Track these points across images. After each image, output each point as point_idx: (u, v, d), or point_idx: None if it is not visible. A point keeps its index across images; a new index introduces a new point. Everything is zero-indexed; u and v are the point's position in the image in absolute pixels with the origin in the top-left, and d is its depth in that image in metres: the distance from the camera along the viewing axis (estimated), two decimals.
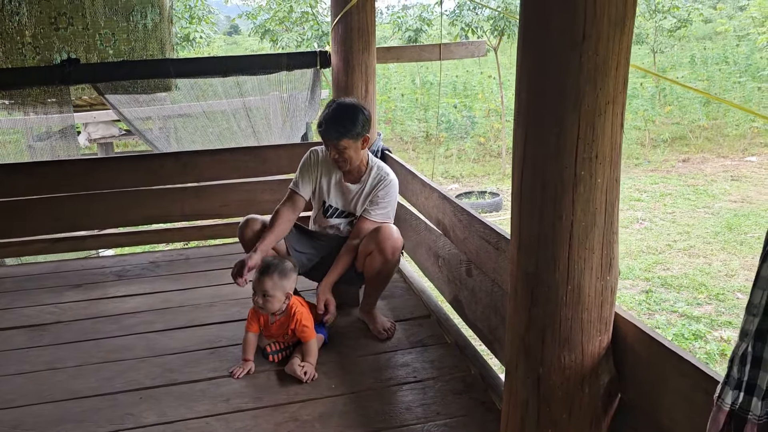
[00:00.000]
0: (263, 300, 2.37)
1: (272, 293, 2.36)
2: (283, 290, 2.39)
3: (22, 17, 3.38)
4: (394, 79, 14.63)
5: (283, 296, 2.40)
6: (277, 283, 2.37)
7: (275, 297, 2.37)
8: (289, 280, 2.42)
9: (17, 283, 3.42)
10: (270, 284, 2.36)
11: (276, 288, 2.36)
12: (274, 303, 2.38)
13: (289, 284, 2.41)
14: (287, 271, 2.42)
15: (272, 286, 2.36)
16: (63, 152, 3.89)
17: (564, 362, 1.51)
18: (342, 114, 2.61)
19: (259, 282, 2.38)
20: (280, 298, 2.38)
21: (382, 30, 19.91)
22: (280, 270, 2.39)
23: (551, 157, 1.39)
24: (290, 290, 2.43)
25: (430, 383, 2.34)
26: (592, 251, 1.44)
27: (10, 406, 2.27)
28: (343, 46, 3.60)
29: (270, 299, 2.37)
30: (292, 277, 2.44)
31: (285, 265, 2.43)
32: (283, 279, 2.38)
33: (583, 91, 1.33)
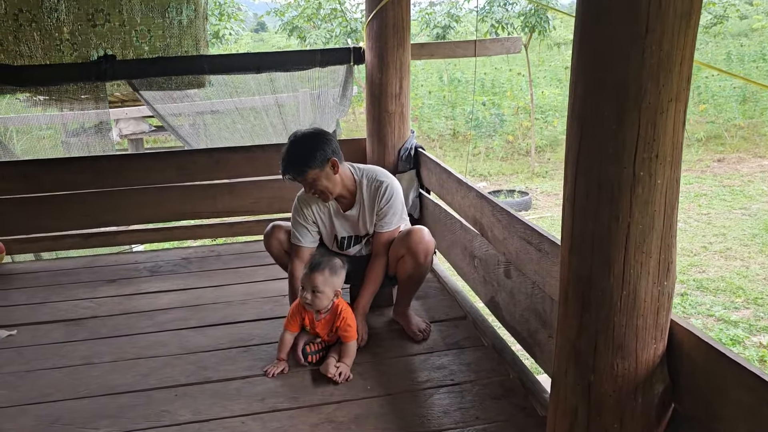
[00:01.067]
0: (312, 296, 2.34)
1: (322, 289, 2.34)
2: (332, 287, 2.37)
3: (61, 14, 3.39)
4: (421, 76, 14.56)
5: (332, 293, 2.38)
6: (327, 279, 2.35)
7: (324, 293, 2.35)
8: (339, 277, 2.40)
9: (53, 277, 3.45)
10: (321, 280, 2.34)
11: (326, 284, 2.35)
12: (323, 299, 2.36)
13: (338, 281, 2.40)
14: (337, 268, 2.40)
15: (323, 281, 2.34)
16: (98, 148, 3.91)
17: (617, 370, 1.45)
18: (295, 150, 2.47)
19: (309, 278, 2.35)
20: (329, 295, 2.37)
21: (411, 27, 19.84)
22: (331, 266, 2.37)
23: (609, 157, 1.33)
24: (339, 288, 2.41)
25: (468, 387, 2.29)
26: (649, 255, 1.38)
27: (48, 400, 2.28)
28: (378, 42, 3.56)
29: (320, 295, 2.35)
30: (341, 275, 2.42)
31: (335, 262, 2.41)
32: (333, 275, 2.37)
33: (645, 87, 1.27)
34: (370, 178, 2.64)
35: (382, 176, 2.65)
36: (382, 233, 2.62)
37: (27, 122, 6.56)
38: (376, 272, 2.61)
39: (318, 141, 2.48)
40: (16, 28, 3.35)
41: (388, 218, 2.61)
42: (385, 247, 2.61)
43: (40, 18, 3.36)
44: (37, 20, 3.36)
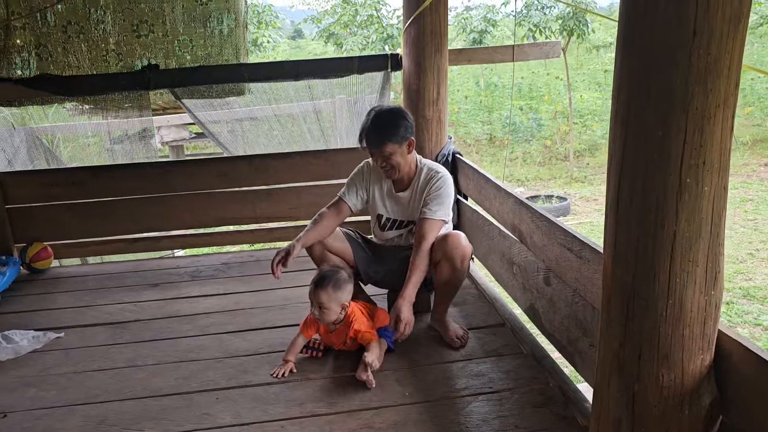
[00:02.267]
0: (319, 312, 2.40)
1: (328, 305, 2.39)
2: (338, 301, 2.40)
3: (107, 26, 3.50)
4: (457, 81, 14.52)
5: (339, 307, 2.41)
6: (331, 295, 2.38)
7: (330, 309, 2.39)
8: (344, 291, 2.42)
9: (99, 281, 3.54)
10: (325, 297, 2.38)
11: (331, 300, 2.38)
12: (330, 314, 2.40)
13: (344, 295, 2.42)
14: (341, 282, 2.41)
15: (327, 298, 2.38)
16: (141, 154, 4.01)
17: (662, 381, 1.42)
18: (382, 121, 2.57)
19: (314, 294, 2.40)
20: (335, 310, 2.40)
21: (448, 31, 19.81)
22: (335, 282, 2.39)
23: (654, 163, 1.31)
24: (346, 300, 2.43)
25: (507, 395, 2.27)
26: (696, 264, 1.35)
27: (95, 401, 2.34)
28: (416, 49, 3.57)
29: (326, 311, 2.39)
30: (347, 288, 2.43)
31: (339, 276, 2.42)
32: (337, 291, 2.39)
33: (692, 92, 1.24)
34: (430, 168, 2.72)
35: (441, 169, 2.73)
36: (425, 219, 2.59)
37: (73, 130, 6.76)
38: (418, 260, 2.54)
39: (402, 118, 2.59)
40: (65, 39, 3.47)
41: (434, 205, 2.61)
42: (426, 236, 2.57)
43: (87, 29, 3.47)
44: (85, 32, 3.47)
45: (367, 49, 11.46)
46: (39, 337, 2.78)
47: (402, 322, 2.45)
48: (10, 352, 2.67)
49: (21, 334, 2.78)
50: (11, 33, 3.41)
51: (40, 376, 2.53)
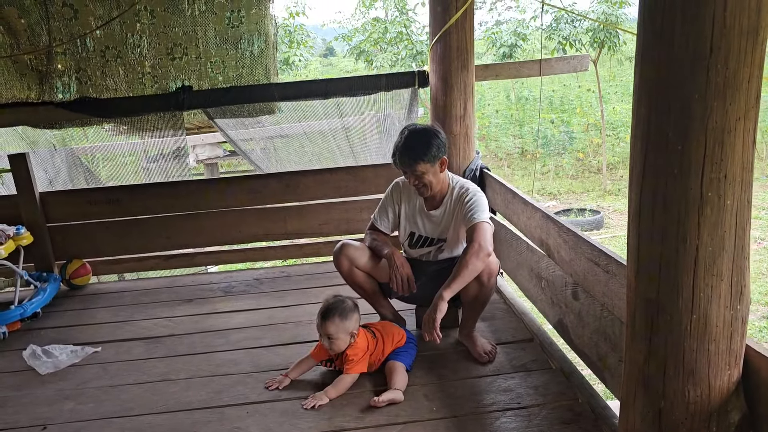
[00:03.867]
0: (329, 342, 2.43)
1: (336, 335, 2.41)
2: (346, 331, 2.42)
3: (143, 49, 3.62)
4: (488, 95, 14.50)
5: (348, 336, 2.43)
6: (339, 325, 2.40)
7: (340, 338, 2.41)
8: (351, 320, 2.43)
9: (135, 297, 3.64)
10: (333, 328, 2.40)
11: (339, 330, 2.40)
12: (340, 344, 2.43)
13: (351, 324, 2.43)
14: (347, 312, 2.43)
15: (335, 329, 2.40)
16: (175, 172, 4.12)
17: (688, 397, 1.41)
18: (415, 139, 2.60)
19: (322, 326, 2.42)
20: (344, 339, 2.42)
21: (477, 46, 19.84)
22: (341, 312, 2.41)
23: (674, 177, 1.31)
24: (354, 329, 2.44)
25: (535, 410, 2.26)
26: (720, 278, 1.34)
27: (130, 414, 2.40)
28: (442, 65, 3.60)
29: (335, 341, 2.42)
30: (353, 317, 2.45)
31: (345, 306, 2.44)
32: (344, 320, 2.41)
33: (711, 107, 1.25)
34: (461, 186, 2.74)
35: (472, 187, 2.74)
36: (472, 225, 2.56)
37: (112, 149, 6.99)
38: (466, 260, 2.47)
39: (434, 137, 2.62)
40: (104, 63, 3.60)
41: (475, 212, 2.59)
42: (476, 238, 2.51)
43: (124, 53, 3.60)
44: (122, 56, 3.60)
45: (396, 65, 11.55)
46: (77, 352, 2.87)
47: (435, 308, 2.41)
48: (50, 366, 2.76)
49: (60, 348, 2.87)
50: (53, 59, 3.56)
51: (78, 389, 2.60)
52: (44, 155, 4.08)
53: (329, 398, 2.38)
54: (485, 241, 2.50)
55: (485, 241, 2.50)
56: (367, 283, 2.81)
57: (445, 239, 2.76)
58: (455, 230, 2.72)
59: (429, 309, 2.45)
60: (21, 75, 3.56)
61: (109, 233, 3.83)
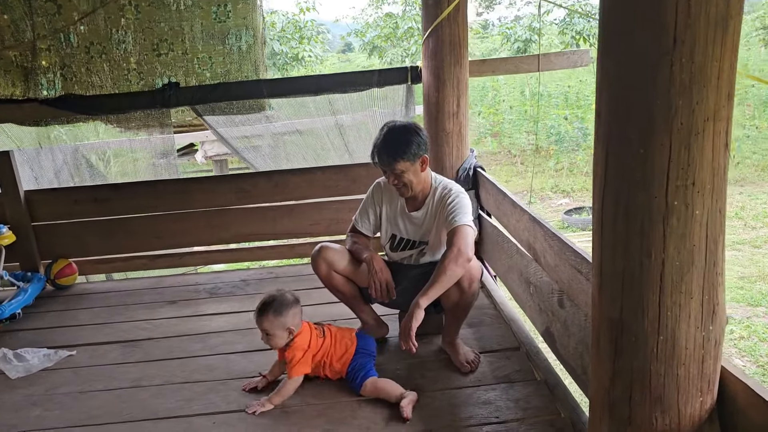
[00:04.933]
0: (266, 338, 2.35)
1: (272, 332, 2.32)
2: (282, 327, 2.32)
3: (128, 45, 3.55)
4: (503, 91, 14.32)
5: (285, 332, 2.33)
6: (273, 321, 2.31)
7: (276, 335, 2.33)
8: (286, 315, 2.33)
9: (119, 298, 3.57)
10: (267, 324, 2.32)
11: (274, 326, 2.32)
12: (277, 340, 2.35)
13: (288, 319, 2.33)
14: (282, 307, 2.33)
15: (270, 325, 2.32)
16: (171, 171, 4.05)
17: (656, 425, 1.29)
18: (394, 137, 2.47)
19: (257, 321, 2.34)
20: (281, 335, 2.34)
21: (492, 42, 19.60)
22: (275, 309, 2.32)
23: (637, 185, 1.18)
24: (292, 324, 2.34)
25: (514, 426, 2.13)
26: (689, 296, 1.21)
27: (94, 423, 2.32)
28: (434, 61, 3.48)
29: (272, 337, 2.34)
30: (290, 312, 2.34)
31: (282, 301, 2.34)
32: (278, 316, 2.31)
33: (676, 106, 1.12)
34: (444, 188, 2.60)
35: (455, 188, 2.60)
36: (455, 227, 2.42)
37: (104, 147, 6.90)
38: (444, 266, 2.33)
39: (415, 135, 2.48)
40: (88, 60, 3.53)
41: (457, 214, 2.45)
42: (455, 241, 2.38)
43: (109, 49, 3.53)
44: (107, 52, 3.53)
45: (407, 60, 11.43)
46: (50, 356, 2.80)
47: (411, 316, 2.28)
48: (21, 370, 2.69)
49: (33, 352, 2.81)
50: (37, 55, 3.50)
51: (47, 395, 2.53)
52: (29, 153, 4.03)
53: (273, 404, 2.30)
54: (465, 246, 2.37)
55: (465, 246, 2.37)
56: (347, 287, 2.70)
57: (427, 242, 2.64)
58: (437, 233, 2.60)
59: (405, 317, 2.34)
60: (5, 72, 3.51)
61: (96, 232, 3.76)
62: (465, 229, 2.42)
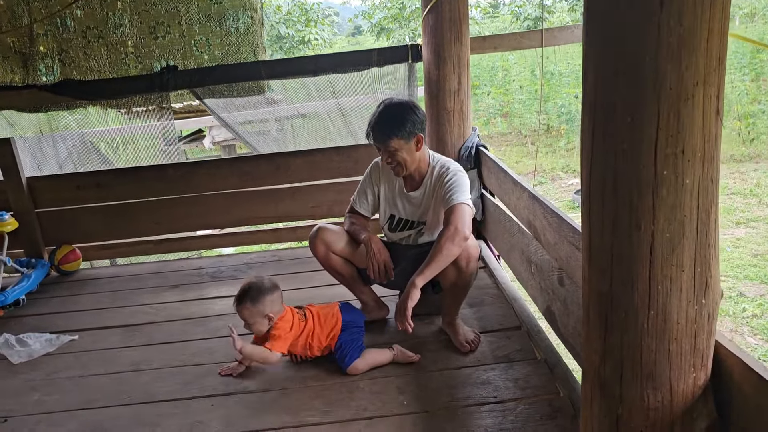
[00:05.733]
0: (249, 327, 2.36)
1: (251, 320, 2.33)
2: (260, 314, 2.32)
3: (125, 29, 3.52)
4: (513, 71, 14.15)
5: (264, 319, 2.33)
6: (251, 310, 2.31)
7: (256, 322, 2.33)
8: (263, 303, 2.31)
9: (123, 282, 3.58)
10: (246, 312, 2.33)
11: (253, 315, 2.32)
12: (258, 328, 2.35)
13: (265, 307, 2.32)
14: (259, 295, 2.32)
15: (249, 313, 2.32)
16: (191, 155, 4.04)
17: (648, 402, 1.25)
18: (388, 114, 2.43)
19: (237, 311, 2.35)
20: (261, 322, 2.33)
21: (502, 21, 19.35)
22: (251, 297, 2.31)
23: (624, 154, 1.14)
24: (270, 311, 2.32)
25: (512, 405, 2.11)
26: (680, 268, 1.17)
27: (93, 406, 2.33)
28: (434, 38, 3.42)
29: (253, 326, 2.34)
30: (266, 299, 2.32)
31: (259, 288, 2.33)
32: (256, 304, 2.31)
33: (664, 70, 1.07)
34: (442, 166, 2.55)
35: (453, 166, 2.55)
36: (452, 206, 2.38)
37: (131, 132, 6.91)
38: (440, 245, 2.30)
39: (410, 113, 2.43)
40: (85, 44, 3.51)
41: (454, 192, 2.41)
42: (452, 220, 2.34)
43: (106, 33, 3.50)
44: (104, 36, 3.51)
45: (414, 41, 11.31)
46: (52, 340, 2.81)
47: (407, 296, 2.26)
48: (24, 355, 2.71)
49: (35, 337, 2.82)
50: (35, 40, 3.48)
51: (48, 379, 2.55)
52: (31, 140, 4.02)
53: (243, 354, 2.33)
54: (462, 224, 2.33)
55: (462, 224, 2.33)
56: (345, 268, 2.68)
57: (425, 222, 2.60)
58: (435, 212, 2.56)
59: (401, 297, 2.31)
60: (4, 58, 3.50)
61: (99, 218, 3.76)
62: (462, 207, 2.38)
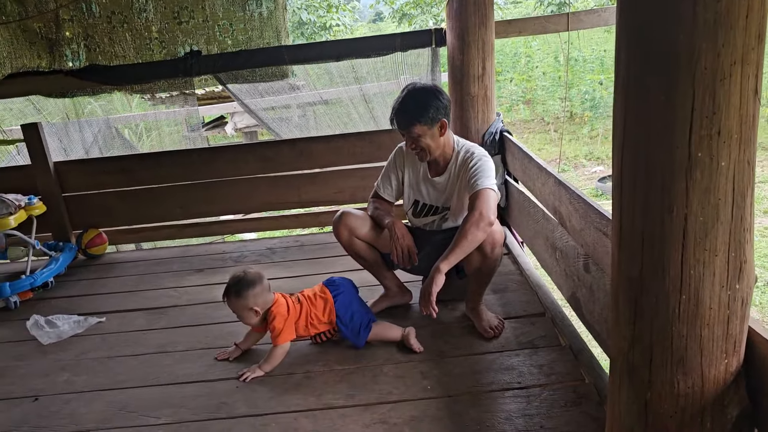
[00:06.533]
0: (241, 319, 2.39)
1: (239, 313, 2.35)
2: (245, 307, 2.33)
3: (149, 14, 3.53)
4: (536, 57, 13.96)
5: (250, 312, 2.34)
6: (237, 303, 2.33)
7: (244, 315, 2.35)
8: (246, 297, 2.31)
9: (148, 266, 3.62)
10: (232, 306, 2.35)
11: (238, 308, 2.34)
12: (248, 319, 2.36)
13: (248, 300, 2.32)
14: (242, 289, 2.31)
15: (235, 308, 2.35)
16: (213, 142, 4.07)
17: (678, 388, 1.23)
18: (412, 100, 2.40)
19: (227, 304, 2.38)
20: (249, 314, 2.34)
21: (526, 6, 19.07)
22: (235, 291, 2.32)
23: (657, 135, 1.11)
24: (254, 304, 2.32)
25: (536, 391, 2.10)
26: (714, 253, 1.14)
27: (120, 387, 2.37)
28: (458, 22, 3.38)
29: (242, 318, 2.37)
30: (250, 292, 2.31)
31: (241, 283, 2.33)
32: (240, 299, 2.32)
33: (700, 49, 1.04)
34: (467, 151, 2.53)
35: (478, 151, 2.53)
36: (477, 191, 2.36)
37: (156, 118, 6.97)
38: (465, 230, 2.29)
39: (434, 98, 2.41)
40: (110, 30, 3.53)
41: (479, 178, 2.39)
42: (477, 205, 2.33)
43: (130, 19, 3.52)
44: (128, 21, 3.52)
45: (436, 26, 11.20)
46: (80, 322, 2.86)
47: (431, 281, 2.26)
48: (53, 336, 2.76)
49: (64, 318, 2.87)
50: (61, 26, 3.51)
51: (76, 360, 2.59)
52: (58, 126, 4.07)
53: (264, 372, 2.34)
54: (487, 209, 2.31)
55: (487, 209, 2.31)
56: (369, 253, 2.68)
57: (450, 207, 2.59)
58: (459, 197, 2.55)
59: (425, 282, 2.30)
60: (30, 43, 3.53)
61: (124, 203, 3.81)
62: (487, 192, 2.36)
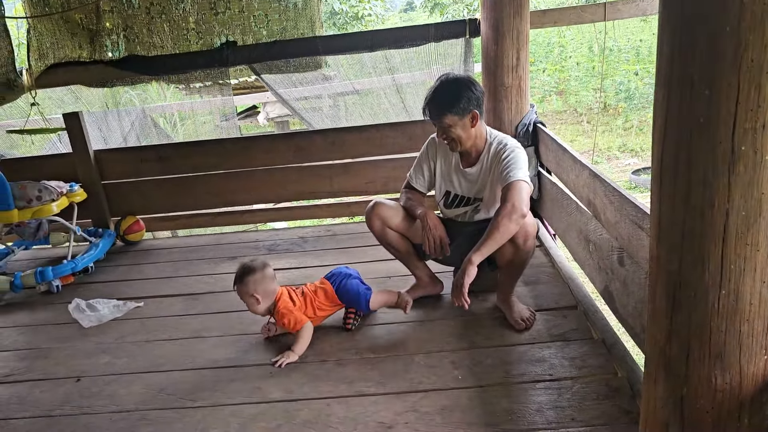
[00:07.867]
0: (247, 306, 2.46)
1: (243, 300, 2.43)
2: (247, 294, 2.41)
3: (186, 5, 3.58)
4: (570, 47, 13.75)
5: (252, 299, 2.41)
6: (239, 289, 2.41)
7: (251, 302, 2.42)
8: (247, 284, 2.39)
9: (183, 253, 3.70)
10: (239, 293, 2.43)
11: (242, 294, 2.42)
12: (256, 307, 2.44)
13: (248, 286, 2.39)
14: (243, 276, 2.40)
15: (240, 294, 2.43)
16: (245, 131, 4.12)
17: (715, 384, 1.23)
18: (444, 90, 2.40)
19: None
20: (252, 302, 2.42)
21: None
22: (238, 278, 2.43)
23: (700, 128, 1.10)
24: (253, 290, 2.39)
25: (568, 384, 2.09)
26: (755, 248, 1.13)
27: (159, 369, 2.43)
28: (493, 12, 3.36)
29: (247, 305, 2.45)
30: (249, 279, 2.39)
31: (244, 271, 2.41)
32: (241, 285, 2.40)
33: (745, 41, 1.03)
34: (499, 143, 2.53)
35: (510, 142, 2.52)
36: (510, 183, 2.35)
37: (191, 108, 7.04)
38: (497, 222, 2.28)
39: (466, 89, 2.41)
40: (149, 21, 3.59)
41: (512, 169, 2.37)
42: (509, 197, 2.32)
43: (168, 10, 3.57)
44: (166, 12, 3.58)
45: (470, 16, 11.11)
46: (120, 306, 2.94)
47: (463, 272, 2.26)
48: (94, 319, 2.84)
49: (104, 302, 2.95)
50: (101, 17, 3.59)
51: (116, 343, 2.67)
52: (98, 114, 4.17)
53: (297, 354, 2.39)
54: (519, 201, 2.30)
55: (519, 201, 2.30)
56: (401, 243, 2.70)
57: (482, 199, 2.59)
58: (492, 189, 2.54)
59: (457, 273, 2.31)
60: (72, 35, 3.62)
61: (161, 191, 3.89)
62: (520, 184, 2.35)
